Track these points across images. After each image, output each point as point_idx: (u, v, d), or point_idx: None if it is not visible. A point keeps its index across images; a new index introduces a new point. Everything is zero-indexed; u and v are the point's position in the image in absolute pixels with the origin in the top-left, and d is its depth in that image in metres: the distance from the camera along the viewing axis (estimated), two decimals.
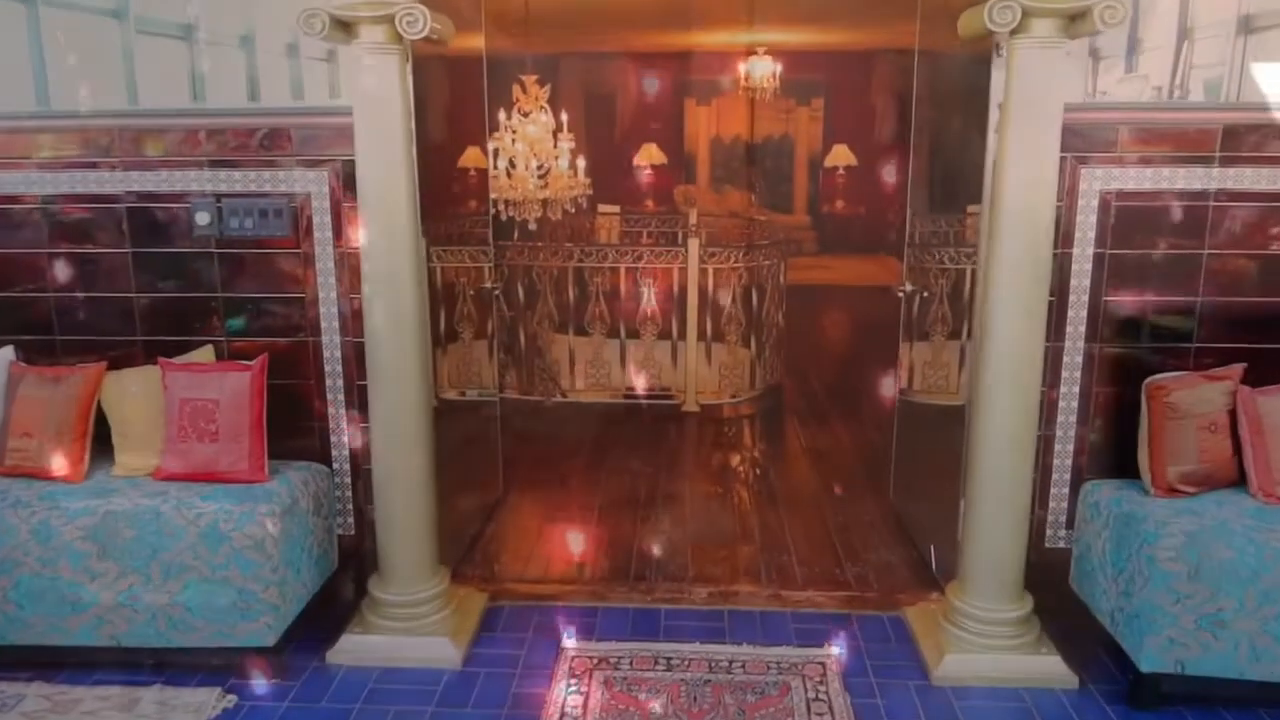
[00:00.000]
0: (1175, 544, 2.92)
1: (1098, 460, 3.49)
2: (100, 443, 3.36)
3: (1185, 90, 7.18)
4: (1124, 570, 3.08)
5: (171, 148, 3.42)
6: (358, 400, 3.55)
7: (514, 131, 6.70)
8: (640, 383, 6.32)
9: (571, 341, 6.34)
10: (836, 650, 3.37)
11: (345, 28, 2.96)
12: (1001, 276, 3.05)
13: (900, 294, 4.39)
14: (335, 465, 3.63)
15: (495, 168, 6.51)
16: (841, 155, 13.17)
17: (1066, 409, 3.45)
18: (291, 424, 3.56)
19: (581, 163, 6.99)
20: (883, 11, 8.55)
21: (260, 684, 3.18)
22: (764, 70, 11.23)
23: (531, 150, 6.70)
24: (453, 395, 4.60)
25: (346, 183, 3.35)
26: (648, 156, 12.93)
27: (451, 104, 4.23)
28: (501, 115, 6.57)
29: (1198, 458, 3.19)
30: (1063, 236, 3.28)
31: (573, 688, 3.16)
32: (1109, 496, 3.27)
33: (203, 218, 3.41)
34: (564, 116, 6.85)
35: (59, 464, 3.27)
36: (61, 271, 3.52)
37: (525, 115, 6.73)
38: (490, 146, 6.57)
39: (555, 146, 6.84)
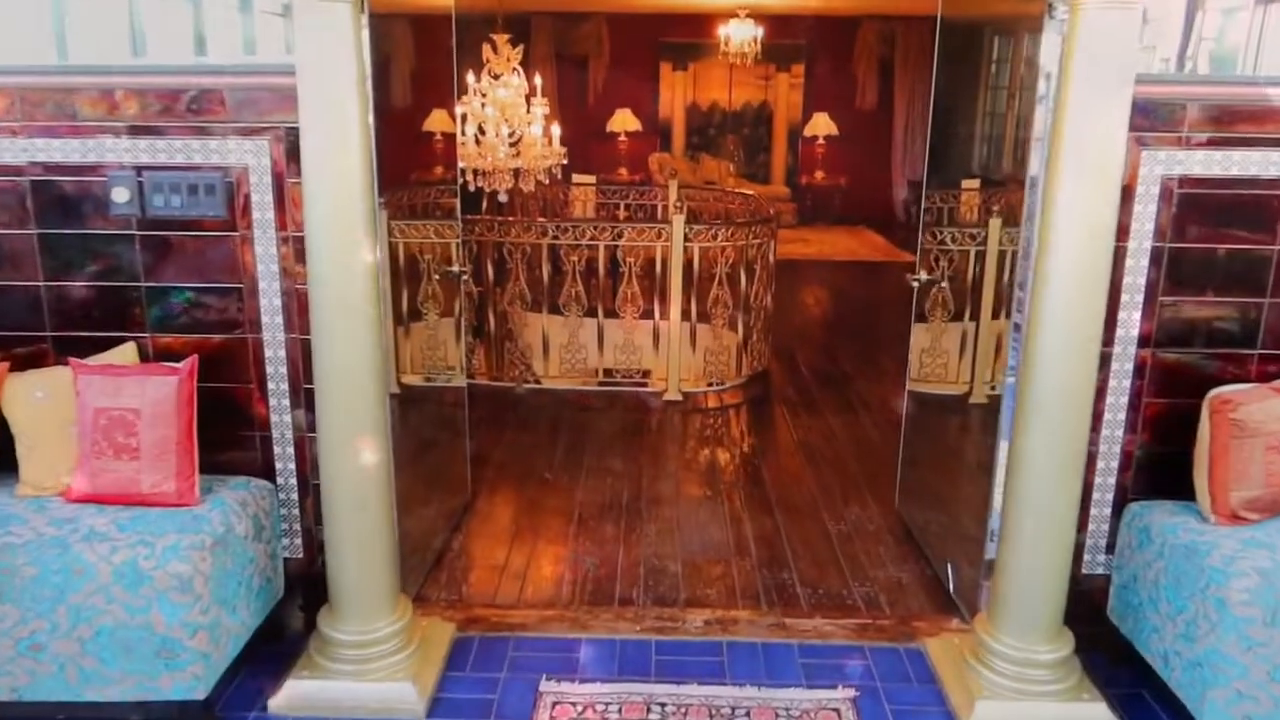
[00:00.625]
0: (1249, 585, 2.55)
1: (1144, 479, 3.12)
2: (2, 456, 2.87)
3: (1195, 63, 6.82)
4: (1184, 610, 2.71)
5: (84, 111, 2.89)
6: (305, 405, 3.08)
7: (483, 95, 6.19)
8: (618, 368, 5.88)
9: (545, 323, 5.89)
10: (852, 693, 2.99)
11: None
12: (1054, 274, 2.65)
13: (915, 283, 3.97)
14: (280, 480, 3.16)
15: (463, 134, 6.01)
16: (822, 124, 12.73)
17: (1113, 421, 3.07)
18: (228, 434, 3.09)
19: (556, 130, 6.50)
20: None
21: None
22: (745, 34, 10.74)
23: (502, 115, 6.20)
24: (417, 381, 4.17)
25: (291, 154, 2.85)
26: (622, 123, 12.41)
27: (417, 64, 3.76)
28: (470, 78, 6.06)
29: (1264, 481, 2.82)
30: (1118, 228, 2.87)
31: None
32: (1162, 522, 2.90)
33: (121, 194, 2.90)
34: (538, 80, 6.35)
35: None
36: None
37: (496, 78, 6.21)
38: (458, 111, 6.07)
39: (528, 112, 6.34)
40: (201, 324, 3.03)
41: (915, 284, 3.99)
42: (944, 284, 3.95)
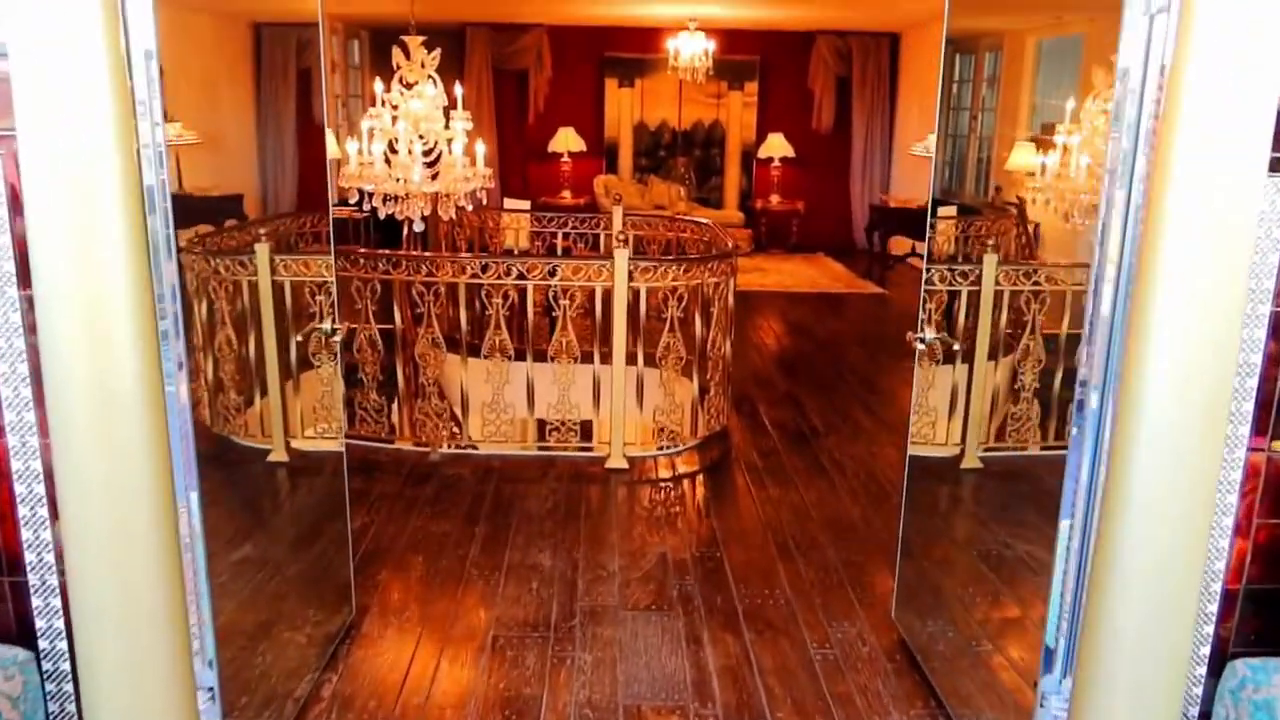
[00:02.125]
0: None
1: (1251, 627, 2.30)
2: None
3: None
4: None
5: None
6: None
7: (394, 108, 5.28)
8: (554, 420, 4.99)
9: (464, 377, 4.97)
10: None
11: None
12: (1160, 354, 1.84)
13: (918, 344, 3.13)
14: (44, 643, 2.21)
15: (369, 154, 5.12)
16: (777, 145, 11.98)
17: (1212, 550, 2.24)
18: None
19: (481, 148, 5.58)
20: None
21: None
22: (695, 49, 9.98)
23: (416, 131, 5.28)
24: (309, 445, 3.38)
25: None
26: (565, 143, 11.56)
27: (281, 72, 2.99)
28: (378, 86, 5.17)
29: None
30: None
31: None
32: None
33: None
34: (458, 91, 5.45)
35: None
36: None
37: (409, 87, 5.30)
38: (364, 125, 5.23)
39: (447, 127, 5.43)
40: None
41: (919, 345, 3.14)
42: (957, 345, 3.14)
